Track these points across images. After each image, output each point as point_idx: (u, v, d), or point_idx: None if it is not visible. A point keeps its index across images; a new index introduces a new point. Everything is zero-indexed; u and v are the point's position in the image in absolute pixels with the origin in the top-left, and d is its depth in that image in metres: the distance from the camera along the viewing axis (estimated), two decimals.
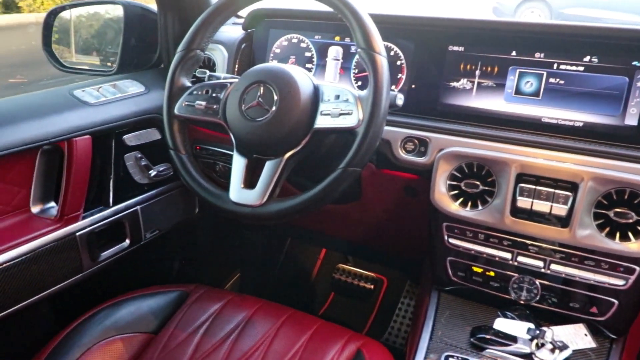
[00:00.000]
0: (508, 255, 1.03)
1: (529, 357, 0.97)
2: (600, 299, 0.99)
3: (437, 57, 1.07)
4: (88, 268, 1.19)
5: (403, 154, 1.06)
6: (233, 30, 1.30)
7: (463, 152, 1.00)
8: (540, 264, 1.01)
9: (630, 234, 0.90)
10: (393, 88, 1.12)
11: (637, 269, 0.94)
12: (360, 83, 1.16)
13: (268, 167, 0.90)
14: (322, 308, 1.88)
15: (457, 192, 1.02)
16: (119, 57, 1.34)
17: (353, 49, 1.16)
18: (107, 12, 1.49)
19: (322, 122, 0.89)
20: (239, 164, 0.94)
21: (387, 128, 1.04)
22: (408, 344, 1.11)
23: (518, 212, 0.97)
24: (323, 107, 0.90)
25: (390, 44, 1.11)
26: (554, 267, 1.00)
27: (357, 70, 1.16)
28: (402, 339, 1.71)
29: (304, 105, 0.89)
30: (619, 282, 0.96)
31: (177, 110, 0.99)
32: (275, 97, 0.90)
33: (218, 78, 1.03)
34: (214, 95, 0.98)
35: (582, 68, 0.96)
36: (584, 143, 0.95)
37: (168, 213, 1.42)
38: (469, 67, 1.04)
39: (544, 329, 0.99)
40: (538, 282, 1.02)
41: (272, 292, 1.88)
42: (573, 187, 0.93)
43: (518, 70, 1.00)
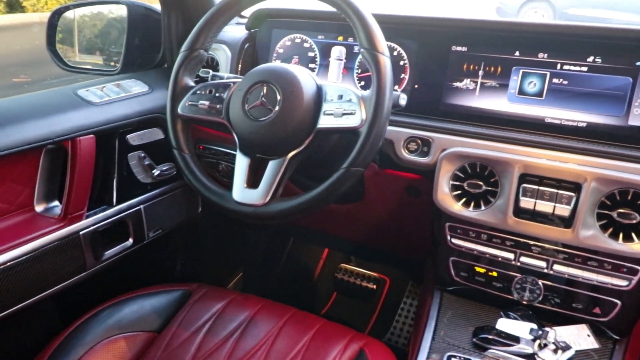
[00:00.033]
0: (511, 256, 1.03)
1: (532, 357, 0.97)
2: (603, 300, 0.99)
3: (440, 57, 1.07)
4: (91, 267, 1.19)
5: (406, 154, 1.06)
6: (236, 30, 1.30)
7: (466, 152, 1.00)
8: (543, 265, 1.01)
9: (634, 235, 0.90)
10: (396, 88, 1.12)
11: None
12: (363, 83, 1.16)
13: (271, 166, 0.90)
14: (324, 308, 1.88)
15: (459, 192, 1.02)
16: (123, 56, 1.34)
17: (356, 49, 1.16)
18: (110, 11, 1.49)
19: (325, 122, 0.89)
20: (242, 164, 0.94)
21: (390, 128, 1.04)
22: (410, 344, 1.11)
23: (521, 212, 0.97)
24: (326, 107, 0.90)
25: (394, 44, 1.11)
26: (557, 267, 1.00)
27: (360, 70, 1.17)
28: (404, 339, 1.71)
29: (307, 105, 0.89)
30: (622, 282, 0.95)
31: (180, 110, 1.00)
32: (279, 97, 0.90)
33: (221, 78, 1.03)
34: (217, 95, 0.98)
35: (585, 68, 0.96)
36: (587, 143, 0.95)
37: (171, 212, 1.42)
38: (472, 67, 1.04)
39: (547, 330, 0.99)
40: (541, 282, 1.02)
41: (274, 291, 1.88)
42: (576, 187, 0.93)
43: (521, 71, 1.00)
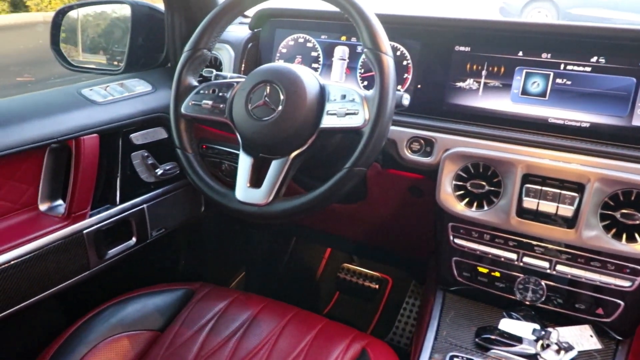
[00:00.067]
0: (514, 256, 1.03)
1: (534, 357, 0.97)
2: (606, 300, 0.99)
3: (443, 57, 1.07)
4: (95, 266, 1.20)
5: (409, 154, 1.06)
6: (239, 30, 1.31)
7: (469, 152, 1.00)
8: (546, 265, 1.00)
9: (637, 235, 0.90)
10: (399, 88, 1.12)
11: None
12: (367, 83, 1.16)
13: (274, 166, 0.90)
14: (327, 307, 1.88)
15: (462, 192, 1.02)
16: (126, 56, 1.35)
17: (359, 49, 1.16)
18: (114, 11, 1.50)
19: (328, 121, 0.89)
20: (245, 163, 0.94)
21: (392, 128, 1.04)
22: (413, 344, 1.11)
23: (524, 212, 0.97)
24: (329, 106, 0.90)
25: (397, 44, 1.11)
26: (560, 268, 1.00)
27: (363, 70, 1.17)
28: (406, 339, 1.71)
29: (310, 105, 0.90)
30: (625, 283, 0.95)
31: (183, 110, 1.00)
32: (282, 96, 0.90)
33: (224, 77, 1.04)
34: (221, 95, 0.98)
35: (589, 69, 0.96)
36: (591, 144, 0.95)
37: (174, 212, 1.43)
38: (476, 67, 1.04)
39: (550, 330, 0.99)
40: (544, 283, 1.02)
41: (277, 291, 1.88)
42: (579, 188, 0.93)
43: (525, 71, 1.00)
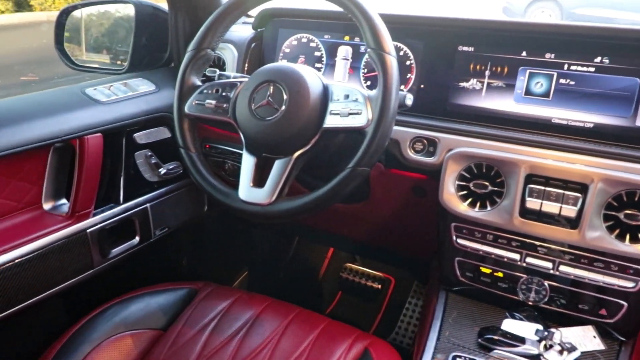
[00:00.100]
0: (517, 256, 1.03)
1: (537, 358, 0.97)
2: (610, 301, 0.99)
3: (446, 57, 1.07)
4: (98, 265, 1.20)
5: (412, 154, 1.06)
6: (243, 30, 1.31)
7: (472, 152, 0.99)
8: (549, 265, 1.00)
9: None
10: (402, 88, 1.12)
11: None
12: (370, 83, 1.16)
13: (277, 166, 0.91)
14: (329, 307, 1.88)
15: (465, 192, 1.02)
16: (130, 55, 1.35)
17: (362, 49, 1.16)
18: (117, 11, 1.50)
19: (331, 121, 0.89)
20: (248, 163, 0.94)
21: (396, 128, 1.04)
22: (415, 344, 1.11)
23: (527, 213, 0.96)
24: (332, 106, 0.90)
25: (400, 44, 1.11)
26: (563, 268, 0.99)
27: (366, 70, 1.17)
28: (409, 339, 1.71)
29: (314, 105, 0.90)
30: (629, 284, 0.95)
31: (187, 109, 1.00)
32: (285, 96, 0.90)
33: (228, 77, 1.04)
34: (224, 94, 0.99)
35: (593, 69, 0.95)
36: (594, 144, 0.95)
37: (177, 211, 1.43)
38: (479, 67, 1.04)
39: (552, 331, 0.99)
40: (547, 283, 1.02)
41: (279, 290, 1.88)
42: (583, 188, 0.92)
43: (528, 71, 1.00)
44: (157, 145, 1.30)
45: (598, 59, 0.95)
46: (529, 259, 1.02)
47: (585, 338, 1.01)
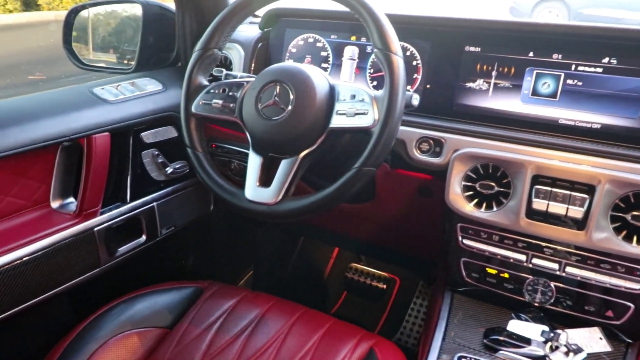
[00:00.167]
0: (523, 257, 1.03)
1: (543, 359, 0.96)
2: (616, 303, 0.98)
3: (453, 57, 1.07)
4: (105, 263, 1.21)
5: (418, 154, 1.06)
6: (250, 30, 1.31)
7: (478, 153, 0.99)
8: (556, 267, 1.00)
9: None
10: (409, 88, 1.12)
11: None
12: (376, 83, 1.16)
13: (283, 165, 0.91)
14: (334, 307, 1.88)
15: (472, 193, 1.01)
16: (137, 55, 1.36)
17: (369, 49, 1.16)
18: (124, 10, 1.51)
19: (337, 121, 0.89)
20: (255, 162, 0.95)
21: (402, 128, 1.04)
22: (421, 344, 1.11)
23: (533, 214, 0.96)
24: (339, 106, 0.90)
25: (407, 44, 1.11)
26: (569, 269, 0.99)
27: (372, 70, 1.17)
28: (414, 339, 1.71)
29: (320, 105, 0.90)
30: (636, 286, 0.95)
31: (194, 109, 1.00)
32: (292, 96, 0.90)
33: (235, 77, 1.04)
34: (231, 94, 0.99)
35: (600, 69, 0.95)
36: (602, 145, 0.94)
37: (184, 210, 1.44)
38: (486, 67, 1.04)
39: (558, 332, 0.99)
40: (553, 284, 1.02)
41: (284, 289, 1.89)
42: (590, 189, 0.92)
43: (535, 72, 1.00)
44: (164, 145, 1.30)
45: (606, 60, 0.94)
46: (535, 260, 1.02)
47: (592, 339, 1.01)
